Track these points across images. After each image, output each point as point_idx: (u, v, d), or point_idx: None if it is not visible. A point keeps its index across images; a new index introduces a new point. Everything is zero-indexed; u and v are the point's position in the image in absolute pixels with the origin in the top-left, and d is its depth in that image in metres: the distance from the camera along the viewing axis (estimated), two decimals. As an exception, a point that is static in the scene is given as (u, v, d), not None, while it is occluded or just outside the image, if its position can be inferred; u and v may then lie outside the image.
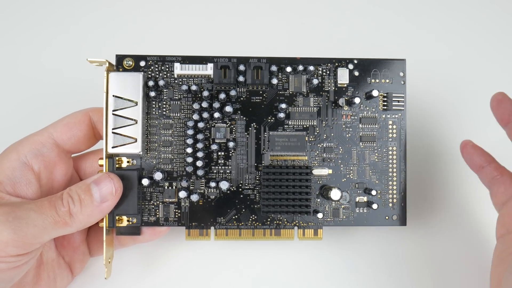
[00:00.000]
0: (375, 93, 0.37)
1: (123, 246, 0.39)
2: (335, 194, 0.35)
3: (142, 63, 0.37)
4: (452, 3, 0.48)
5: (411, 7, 0.48)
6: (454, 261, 0.41)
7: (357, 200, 0.38)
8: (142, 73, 0.35)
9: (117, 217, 0.36)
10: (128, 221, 0.36)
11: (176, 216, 0.37)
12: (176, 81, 0.37)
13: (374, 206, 0.37)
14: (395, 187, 0.38)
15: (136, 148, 0.35)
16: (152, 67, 0.37)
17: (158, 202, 0.37)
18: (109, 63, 0.35)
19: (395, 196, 0.38)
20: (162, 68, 0.37)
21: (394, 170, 0.38)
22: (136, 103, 0.35)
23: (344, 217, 0.38)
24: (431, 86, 0.45)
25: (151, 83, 0.36)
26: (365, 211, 0.38)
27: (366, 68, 0.38)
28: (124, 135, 0.35)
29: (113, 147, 0.35)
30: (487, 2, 0.48)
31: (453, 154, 0.44)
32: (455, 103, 0.45)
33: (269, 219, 0.37)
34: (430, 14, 0.48)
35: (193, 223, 0.37)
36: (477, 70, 0.46)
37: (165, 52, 0.38)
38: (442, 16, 0.48)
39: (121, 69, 0.36)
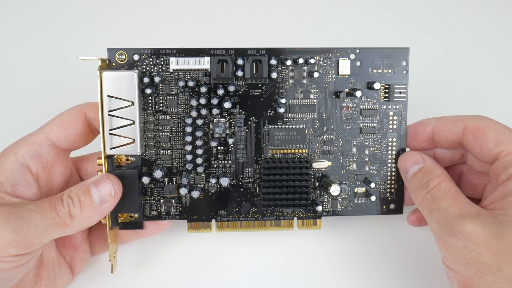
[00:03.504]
0: (376, 86, 0.36)
1: (126, 241, 0.39)
2: (334, 190, 0.36)
3: (136, 57, 0.35)
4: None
5: (405, 4, 0.47)
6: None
7: (355, 191, 0.38)
8: (136, 71, 0.34)
9: (119, 215, 0.36)
10: (130, 216, 0.37)
11: (178, 210, 0.37)
12: (172, 76, 0.36)
13: (373, 198, 0.38)
14: (393, 177, 0.38)
15: (134, 149, 0.34)
16: (146, 61, 0.35)
17: (159, 197, 0.37)
18: (102, 60, 0.34)
19: (393, 186, 0.38)
20: (157, 61, 0.36)
21: (393, 161, 0.38)
22: (132, 103, 0.34)
23: (343, 207, 0.38)
24: (432, 77, 0.44)
25: (146, 79, 0.35)
26: (363, 201, 0.38)
27: (368, 58, 0.37)
28: (122, 136, 0.34)
29: (111, 149, 0.34)
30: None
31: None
32: (456, 94, 0.45)
33: (269, 211, 0.38)
34: (433, 7, 0.47)
35: (195, 216, 0.37)
36: (479, 63, 0.46)
37: (160, 45, 0.36)
38: (445, 9, 0.47)
39: (114, 64, 0.35)
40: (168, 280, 0.39)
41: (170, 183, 0.37)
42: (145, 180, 0.36)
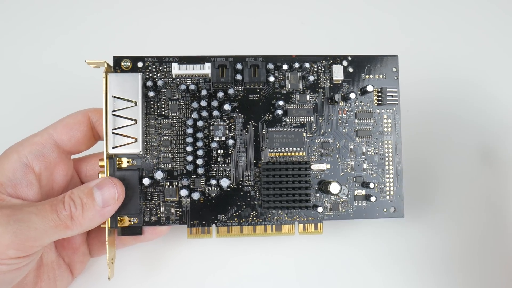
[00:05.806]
0: (369, 88, 0.38)
1: (124, 245, 0.39)
2: (334, 187, 0.36)
3: (140, 64, 0.37)
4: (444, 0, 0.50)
5: (404, 6, 0.50)
6: (452, 251, 0.42)
7: (355, 194, 0.38)
8: (141, 73, 0.36)
9: (118, 218, 0.36)
10: (129, 221, 0.36)
11: (178, 214, 0.37)
12: (174, 81, 0.37)
13: (373, 198, 0.38)
14: (392, 180, 0.39)
15: (136, 148, 0.35)
16: (149, 68, 0.37)
17: (159, 202, 0.37)
18: (107, 64, 0.35)
19: (392, 188, 0.39)
20: (160, 68, 0.37)
21: (391, 163, 0.39)
22: (136, 103, 0.35)
23: (343, 210, 0.38)
24: (424, 81, 0.46)
25: (149, 83, 0.36)
26: (363, 204, 0.38)
27: (360, 65, 0.39)
28: (124, 135, 0.35)
29: (113, 148, 0.35)
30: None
31: (447, 145, 0.45)
32: (447, 97, 0.47)
33: (269, 215, 0.38)
34: (422, 12, 0.50)
35: (195, 221, 0.37)
36: (467, 64, 0.48)
37: (163, 52, 0.38)
38: (434, 13, 0.49)
39: (119, 70, 0.37)
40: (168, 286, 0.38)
41: (171, 187, 0.37)
42: (146, 181, 0.36)
